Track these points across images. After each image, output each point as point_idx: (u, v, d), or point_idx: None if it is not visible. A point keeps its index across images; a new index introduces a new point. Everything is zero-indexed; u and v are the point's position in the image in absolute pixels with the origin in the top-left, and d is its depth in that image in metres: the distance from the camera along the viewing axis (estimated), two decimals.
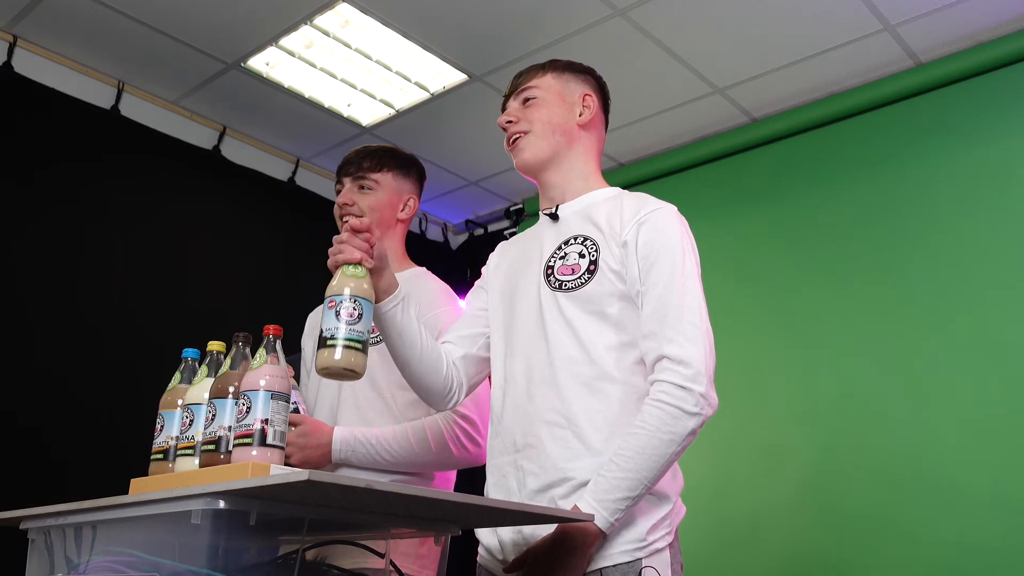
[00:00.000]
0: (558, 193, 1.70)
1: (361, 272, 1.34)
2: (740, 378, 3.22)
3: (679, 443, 1.42)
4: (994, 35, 2.93)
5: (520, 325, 1.61)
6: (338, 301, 1.31)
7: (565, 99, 1.71)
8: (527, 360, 1.57)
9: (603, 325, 1.52)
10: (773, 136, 3.40)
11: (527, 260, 1.68)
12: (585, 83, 1.76)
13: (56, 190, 3.02)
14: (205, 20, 2.99)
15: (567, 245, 1.61)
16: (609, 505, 1.39)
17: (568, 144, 1.69)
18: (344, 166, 2.11)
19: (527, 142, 1.69)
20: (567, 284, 1.55)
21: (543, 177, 1.71)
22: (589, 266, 1.55)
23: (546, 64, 1.76)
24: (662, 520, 1.46)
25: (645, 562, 1.41)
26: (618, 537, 1.41)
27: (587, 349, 1.51)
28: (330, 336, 1.30)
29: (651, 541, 1.43)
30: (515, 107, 1.73)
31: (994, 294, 2.73)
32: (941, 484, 2.67)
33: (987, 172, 2.86)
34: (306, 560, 1.29)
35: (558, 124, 1.69)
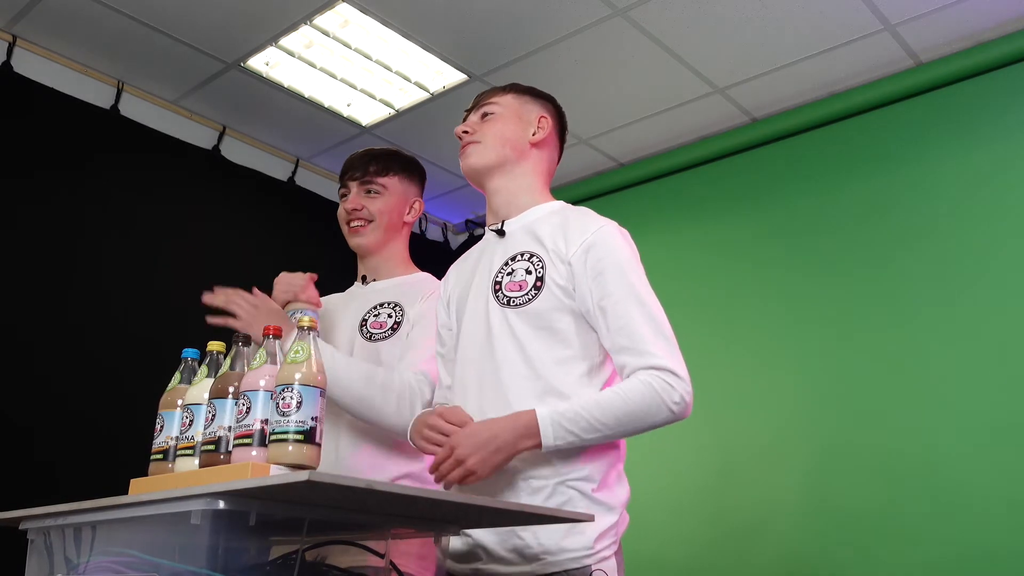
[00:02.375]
0: (503, 204, 1.75)
1: (302, 356, 1.23)
2: (741, 377, 3.22)
3: (645, 424, 1.49)
4: (994, 35, 2.93)
5: (469, 340, 1.66)
6: (279, 392, 1.21)
7: (521, 118, 1.78)
8: (478, 374, 1.61)
9: (551, 340, 1.57)
10: (773, 136, 3.40)
11: (476, 276, 1.73)
12: (543, 107, 1.82)
13: (56, 190, 3.02)
14: (205, 20, 2.99)
15: (514, 261, 1.66)
16: (560, 430, 1.46)
17: (517, 158, 1.75)
18: (349, 170, 2.11)
19: (475, 149, 1.75)
20: (515, 300, 1.60)
21: (487, 184, 1.76)
22: (536, 282, 1.60)
23: (508, 85, 1.84)
24: (609, 529, 1.51)
25: (594, 567, 1.46)
26: (568, 545, 1.47)
27: (534, 364, 1.56)
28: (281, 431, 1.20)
29: (598, 549, 1.48)
30: (473, 120, 1.81)
31: (995, 294, 2.73)
32: (942, 484, 2.67)
33: (987, 172, 2.86)
34: (306, 560, 1.28)
35: (509, 138, 1.75)
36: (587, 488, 1.51)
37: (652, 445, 2.83)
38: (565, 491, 1.49)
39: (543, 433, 1.45)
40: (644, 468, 3.05)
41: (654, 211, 3.70)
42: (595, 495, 1.51)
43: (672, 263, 3.55)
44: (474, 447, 1.47)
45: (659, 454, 3.20)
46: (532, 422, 1.46)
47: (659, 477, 3.21)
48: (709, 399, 3.24)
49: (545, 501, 1.49)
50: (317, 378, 1.21)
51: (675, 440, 3.22)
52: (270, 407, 1.20)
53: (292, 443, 1.16)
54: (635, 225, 4.04)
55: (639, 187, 3.80)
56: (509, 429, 1.47)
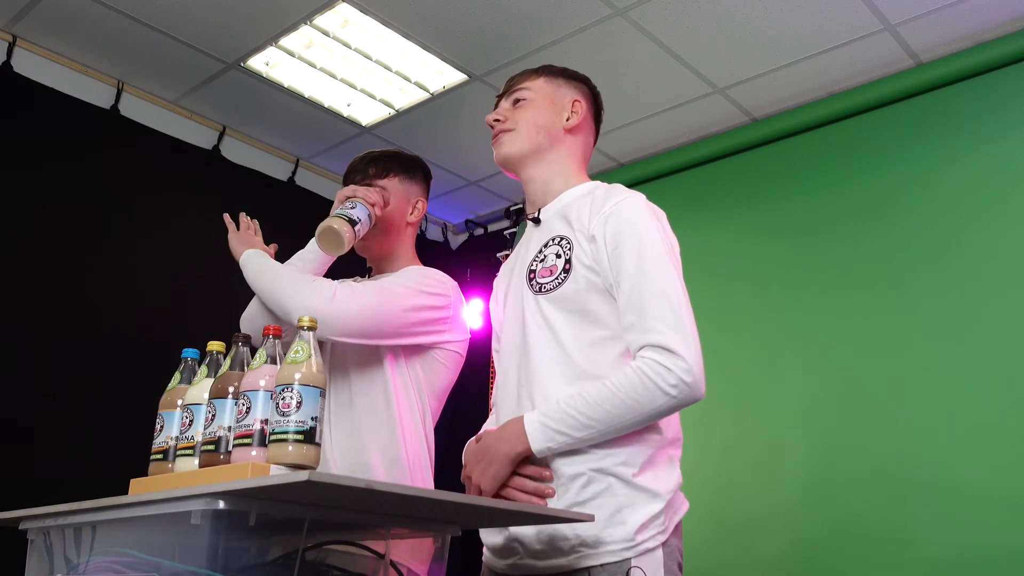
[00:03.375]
0: (539, 191, 1.71)
1: (302, 356, 1.22)
2: (741, 377, 3.22)
3: (641, 414, 1.41)
4: (994, 35, 2.93)
5: (509, 332, 1.65)
6: (279, 392, 1.20)
7: (555, 102, 1.73)
8: (516, 365, 1.60)
9: (583, 322, 1.52)
10: (773, 136, 3.40)
11: (516, 268, 1.71)
12: (577, 89, 1.78)
13: (56, 190, 3.02)
14: (205, 20, 2.99)
15: (546, 247, 1.63)
16: (548, 431, 1.43)
17: (551, 145, 1.71)
18: (350, 173, 2.11)
19: (508, 137, 1.71)
20: (546, 286, 1.57)
21: (522, 173, 1.73)
22: (565, 265, 1.56)
23: (540, 68, 1.78)
24: (652, 519, 1.44)
25: (634, 562, 1.40)
26: (607, 537, 1.41)
27: (567, 349, 1.52)
28: (281, 431, 1.19)
29: (640, 541, 1.41)
30: (505, 106, 1.76)
31: (995, 294, 2.73)
32: (942, 484, 2.67)
33: (987, 172, 2.86)
34: (306, 560, 1.28)
35: (543, 125, 1.71)
36: (627, 473, 1.44)
37: None
38: (603, 478, 1.43)
39: (531, 437, 1.43)
40: None
41: None
42: (636, 480, 1.44)
43: None
44: (475, 461, 1.50)
45: None
46: (520, 428, 1.45)
47: None
48: (709, 398, 3.23)
49: (583, 489, 1.43)
50: (317, 378, 1.21)
51: None
52: (270, 407, 1.20)
53: (292, 443, 1.16)
54: None
55: (639, 187, 3.77)
56: (499, 439, 1.47)
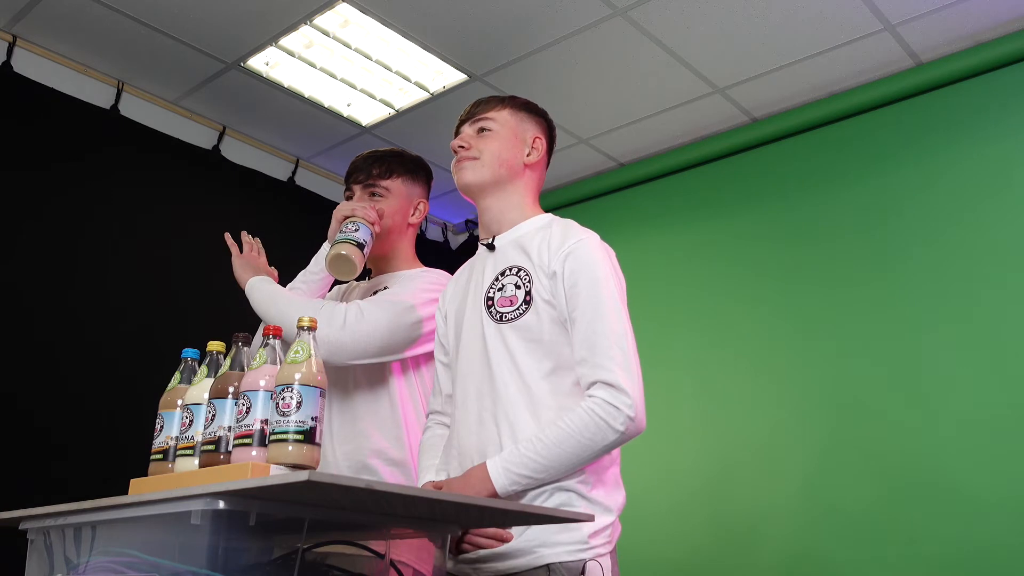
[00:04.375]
0: (494, 219, 1.78)
1: (302, 356, 1.23)
2: (740, 378, 3.22)
3: (594, 452, 1.51)
4: (994, 35, 2.93)
5: (468, 354, 1.69)
6: (279, 392, 1.21)
7: (517, 136, 1.81)
8: (477, 386, 1.65)
9: (540, 353, 1.60)
10: (773, 136, 3.40)
11: (470, 290, 1.77)
12: (539, 126, 1.85)
13: (56, 190, 3.02)
14: (205, 20, 2.99)
15: (503, 276, 1.70)
16: (511, 475, 1.51)
17: (510, 178, 1.78)
18: (353, 173, 2.11)
19: (472, 166, 1.77)
20: (507, 316, 1.64)
21: (481, 202, 1.79)
22: (525, 296, 1.64)
23: (505, 99, 1.86)
24: (604, 528, 1.53)
25: (590, 563, 1.49)
26: (563, 539, 1.50)
27: (524, 377, 1.60)
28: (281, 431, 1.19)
29: (593, 545, 1.51)
30: (469, 133, 1.82)
31: (995, 294, 2.73)
32: (941, 484, 2.67)
33: (987, 172, 2.86)
34: (306, 560, 1.28)
35: (506, 159, 1.77)
36: (584, 490, 1.54)
37: (651, 446, 2.84)
38: (563, 493, 1.52)
39: (496, 483, 1.50)
40: (643, 469, 3.05)
41: (654, 211, 3.71)
42: (592, 495, 1.54)
43: (671, 263, 3.55)
44: None
45: (658, 456, 3.20)
46: (484, 474, 1.52)
47: (658, 478, 3.21)
48: (708, 400, 3.25)
49: (544, 503, 1.52)
50: (317, 378, 1.21)
51: (674, 441, 3.23)
52: (270, 407, 1.20)
53: (292, 443, 1.16)
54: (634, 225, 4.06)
55: (639, 187, 3.80)
56: (465, 486, 1.53)
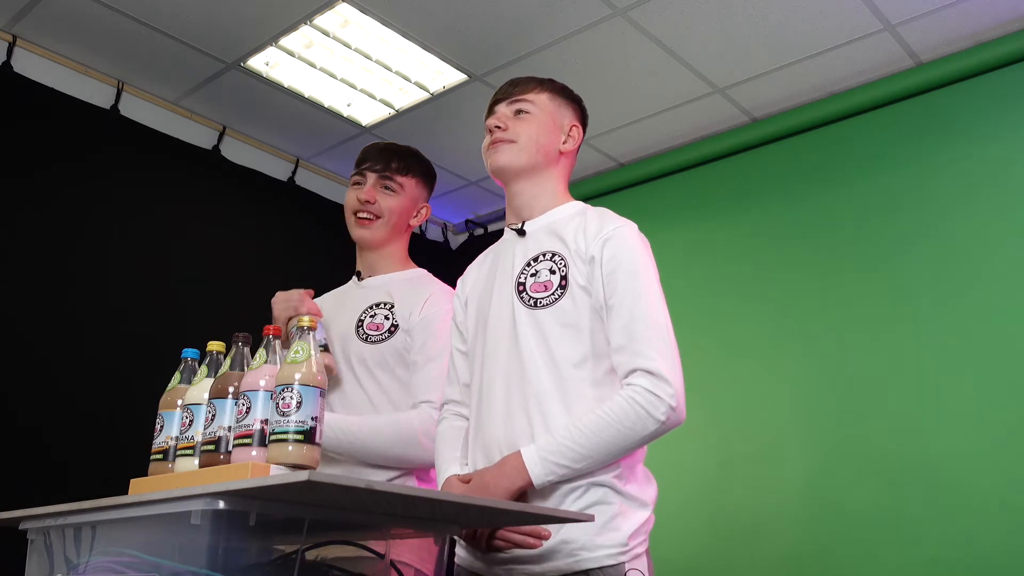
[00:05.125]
0: (525, 205, 1.74)
1: (302, 356, 1.23)
2: (740, 377, 3.22)
3: (634, 441, 1.48)
4: (994, 35, 2.92)
5: (495, 343, 1.65)
6: (279, 392, 1.20)
7: (555, 122, 1.77)
8: (505, 376, 1.60)
9: (576, 339, 1.56)
10: (773, 136, 3.40)
11: (497, 278, 1.72)
12: (575, 113, 1.82)
13: (55, 190, 3.02)
14: (205, 20, 2.99)
15: (536, 262, 1.65)
16: (548, 465, 1.47)
17: (546, 165, 1.74)
18: (369, 160, 2.09)
19: (507, 148, 1.72)
20: (541, 301, 1.60)
21: (514, 186, 1.75)
22: (561, 281, 1.60)
23: (544, 82, 1.81)
24: (642, 526, 1.52)
25: (628, 566, 1.46)
26: (604, 541, 1.46)
27: (560, 365, 1.56)
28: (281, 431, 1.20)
29: (632, 547, 1.48)
30: (506, 114, 1.76)
31: (995, 294, 2.73)
32: (942, 483, 2.67)
33: (987, 172, 2.86)
34: (306, 560, 1.28)
35: (543, 144, 1.73)
36: (619, 484, 1.51)
37: (652, 446, 2.83)
38: (598, 489, 1.49)
39: (531, 472, 1.46)
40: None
41: (654, 211, 3.70)
42: (627, 490, 1.52)
43: (672, 263, 3.53)
44: None
45: (659, 455, 3.19)
46: (519, 463, 1.48)
47: (659, 477, 3.20)
48: (709, 399, 3.25)
49: (579, 499, 1.49)
50: (317, 378, 1.21)
51: (675, 441, 3.21)
52: (270, 407, 1.20)
53: (292, 443, 1.16)
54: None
55: (639, 187, 3.80)
56: (498, 475, 1.49)
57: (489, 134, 1.76)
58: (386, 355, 1.93)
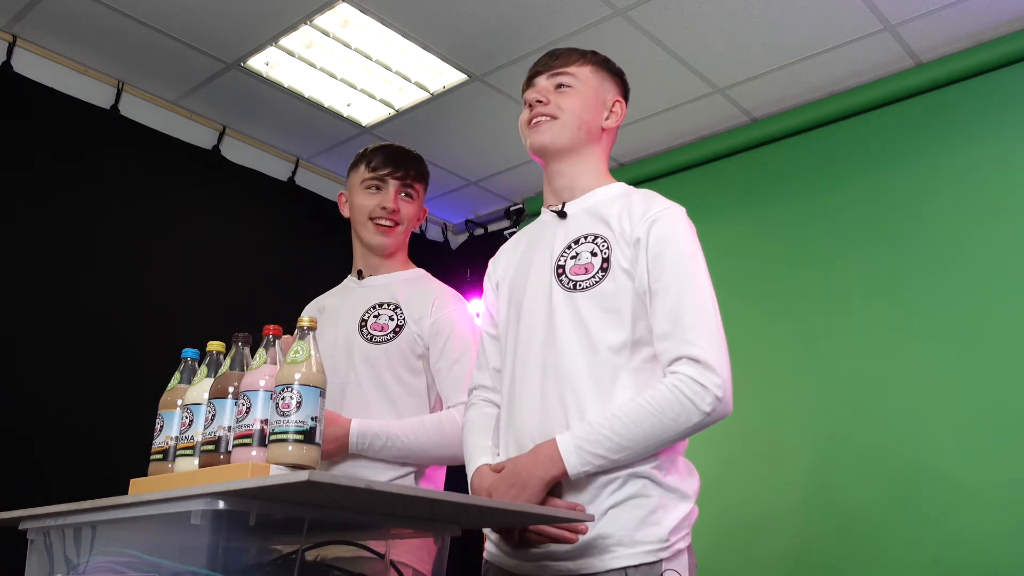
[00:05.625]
0: (566, 186, 1.67)
1: (302, 356, 1.22)
2: (741, 378, 3.20)
3: (677, 432, 1.41)
4: (994, 35, 2.92)
5: (529, 327, 1.58)
6: (279, 392, 1.21)
7: (599, 97, 1.68)
8: (540, 360, 1.54)
9: (616, 324, 1.49)
10: (773, 136, 3.40)
11: (535, 258, 1.65)
12: (618, 88, 1.73)
13: (56, 190, 3.02)
14: (205, 20, 2.99)
15: (577, 244, 1.58)
16: (584, 455, 1.40)
17: (588, 143, 1.67)
18: (389, 165, 2.07)
19: (550, 126, 1.63)
20: (581, 284, 1.53)
21: (554, 165, 1.67)
22: (602, 264, 1.53)
23: (586, 54, 1.71)
24: (683, 521, 1.45)
25: (666, 564, 1.40)
26: (643, 537, 1.40)
27: (599, 350, 1.49)
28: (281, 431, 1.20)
29: (673, 542, 1.42)
30: (547, 87, 1.67)
31: (995, 294, 2.73)
32: (943, 484, 2.66)
33: (987, 172, 2.86)
34: (306, 560, 1.28)
35: (586, 120, 1.65)
36: (659, 475, 1.44)
37: None
38: (637, 480, 1.43)
39: (567, 462, 1.39)
40: None
41: None
42: (667, 482, 1.45)
43: None
44: (505, 488, 1.43)
45: None
46: (554, 452, 1.40)
47: None
48: None
49: (617, 492, 1.42)
50: (317, 378, 1.21)
51: None
52: (270, 407, 1.20)
53: (292, 443, 1.16)
54: None
55: (639, 187, 3.79)
56: (531, 463, 1.42)
57: (528, 108, 1.67)
58: (391, 355, 1.94)
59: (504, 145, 3.71)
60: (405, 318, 1.96)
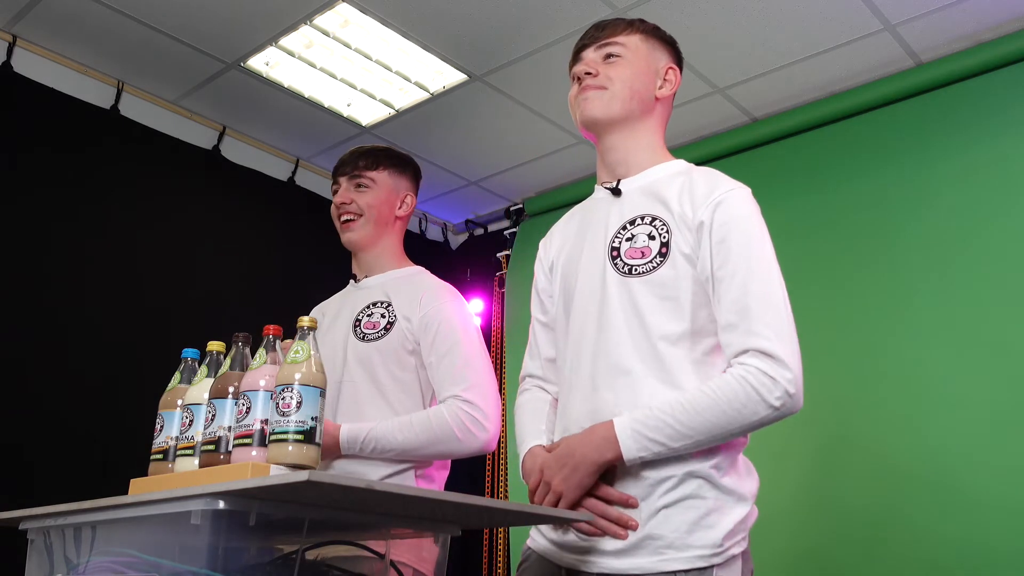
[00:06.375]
0: (620, 161, 1.58)
1: (302, 356, 1.22)
2: None
3: (741, 426, 1.34)
4: (994, 35, 2.92)
5: (583, 312, 1.51)
6: (279, 392, 1.20)
7: (650, 66, 1.60)
8: (592, 346, 1.47)
9: (675, 313, 1.42)
10: (773, 136, 3.40)
11: (588, 239, 1.57)
12: (671, 55, 1.65)
13: (56, 190, 3.02)
14: (205, 20, 2.99)
15: (633, 225, 1.50)
16: (642, 440, 1.33)
17: (642, 114, 1.58)
18: (340, 166, 2.14)
19: (600, 96, 1.55)
20: (637, 268, 1.45)
21: (607, 139, 1.58)
22: (661, 248, 1.44)
23: (634, 22, 1.64)
24: (739, 524, 1.39)
25: (717, 572, 1.34)
26: (696, 541, 1.35)
27: (655, 339, 1.41)
28: (281, 431, 1.19)
29: (727, 547, 1.36)
30: (595, 59, 1.60)
31: (995, 293, 2.73)
32: (943, 484, 2.66)
33: (987, 172, 2.86)
34: (306, 560, 1.28)
35: (638, 90, 1.57)
36: (717, 477, 1.37)
37: None
38: (693, 480, 1.36)
39: (623, 445, 1.33)
40: None
41: None
42: (724, 483, 1.38)
43: None
44: (557, 468, 1.39)
45: None
46: (610, 434, 1.34)
47: None
48: None
49: (671, 492, 1.36)
50: (317, 378, 1.21)
51: None
52: (270, 407, 1.20)
53: (292, 443, 1.16)
54: None
55: None
56: (585, 444, 1.37)
57: (576, 83, 1.60)
58: (383, 352, 1.94)
59: (504, 145, 3.71)
60: (396, 315, 1.97)
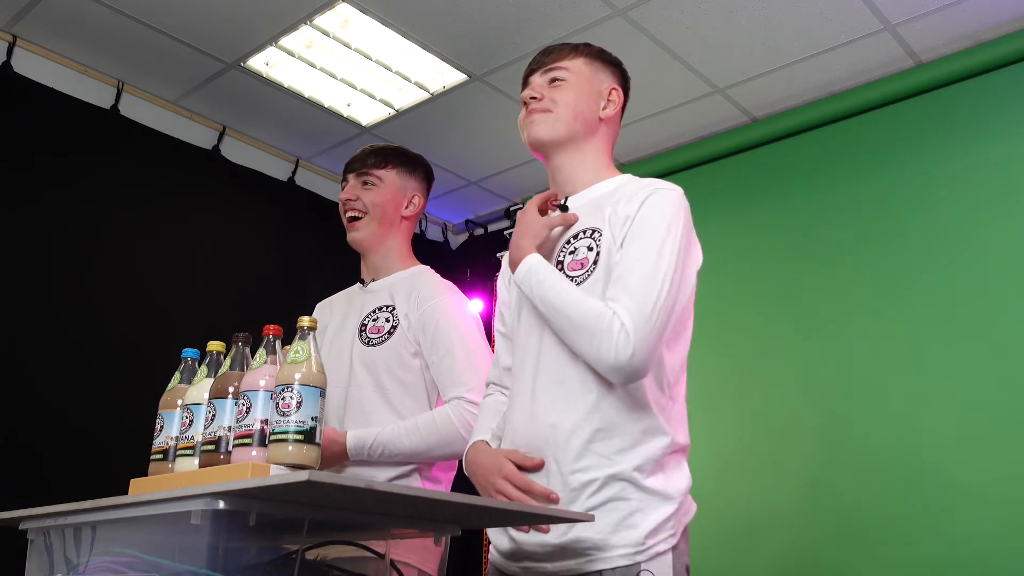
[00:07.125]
0: (568, 180, 1.66)
1: (302, 356, 1.22)
2: (739, 376, 3.22)
3: (589, 359, 1.45)
4: (994, 35, 2.92)
5: (528, 324, 1.58)
6: (279, 392, 1.20)
7: (593, 88, 1.67)
8: (535, 359, 1.53)
9: None
10: (773, 136, 3.40)
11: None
12: (613, 76, 1.72)
13: (56, 190, 3.02)
14: (205, 20, 2.99)
15: (576, 239, 1.57)
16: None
17: (586, 134, 1.65)
18: (350, 163, 2.12)
19: (545, 119, 1.63)
20: (577, 279, 1.52)
21: (554, 159, 1.66)
22: (595, 258, 1.52)
23: (579, 47, 1.71)
24: (664, 522, 1.43)
25: (644, 566, 1.39)
26: (617, 541, 1.40)
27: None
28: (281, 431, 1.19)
29: (650, 545, 1.40)
30: (541, 83, 1.68)
31: (995, 293, 2.73)
32: (943, 483, 2.67)
33: (987, 171, 2.86)
34: (306, 560, 1.28)
35: (581, 111, 1.64)
36: (639, 479, 1.42)
37: None
38: (615, 483, 1.42)
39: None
40: None
41: None
42: (647, 484, 1.43)
43: None
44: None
45: None
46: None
47: None
48: (708, 398, 3.24)
49: (594, 495, 1.42)
50: (317, 378, 1.21)
51: None
52: (270, 407, 1.20)
53: (292, 443, 1.16)
54: None
55: None
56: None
57: (524, 107, 1.68)
58: (387, 357, 1.94)
59: (504, 145, 3.71)
60: (399, 318, 1.97)
